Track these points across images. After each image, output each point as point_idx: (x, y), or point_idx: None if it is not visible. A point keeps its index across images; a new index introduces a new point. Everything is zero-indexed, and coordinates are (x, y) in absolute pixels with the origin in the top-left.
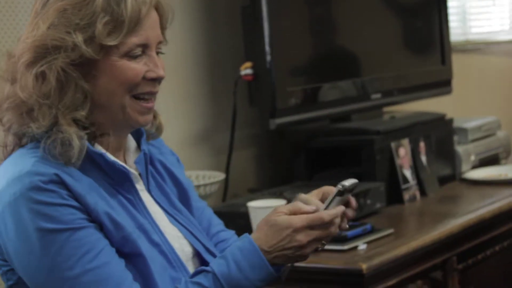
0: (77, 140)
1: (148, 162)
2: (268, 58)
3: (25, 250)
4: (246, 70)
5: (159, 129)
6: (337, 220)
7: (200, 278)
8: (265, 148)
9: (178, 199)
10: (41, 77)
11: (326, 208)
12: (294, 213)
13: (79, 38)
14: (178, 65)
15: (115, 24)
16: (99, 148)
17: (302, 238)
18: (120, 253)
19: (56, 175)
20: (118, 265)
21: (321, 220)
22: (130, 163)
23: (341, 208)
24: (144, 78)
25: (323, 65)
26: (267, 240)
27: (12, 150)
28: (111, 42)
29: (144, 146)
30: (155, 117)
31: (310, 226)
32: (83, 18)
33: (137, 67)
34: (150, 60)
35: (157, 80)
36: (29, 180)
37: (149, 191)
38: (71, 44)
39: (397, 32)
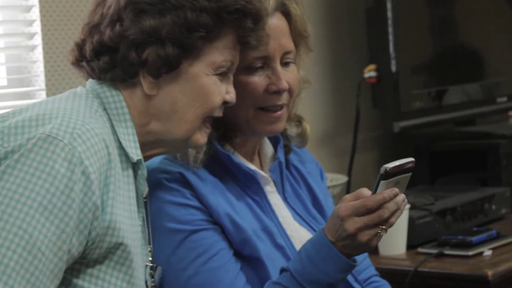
0: None
1: (284, 169)
2: (393, 60)
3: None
4: (370, 72)
5: (302, 136)
6: (390, 205)
7: (280, 278)
8: (388, 151)
9: (313, 207)
10: None
11: (374, 193)
12: (357, 199)
13: None
14: None
15: None
16: (228, 149)
17: (349, 226)
18: (239, 255)
19: (181, 174)
20: (231, 270)
21: (365, 207)
22: (266, 169)
23: (390, 191)
24: (266, 91)
25: (447, 68)
26: (330, 230)
27: None
28: None
29: (279, 154)
30: (300, 122)
31: (356, 214)
32: None
33: (256, 81)
34: (272, 72)
35: (279, 92)
36: (154, 177)
37: (285, 197)
38: None
39: None
